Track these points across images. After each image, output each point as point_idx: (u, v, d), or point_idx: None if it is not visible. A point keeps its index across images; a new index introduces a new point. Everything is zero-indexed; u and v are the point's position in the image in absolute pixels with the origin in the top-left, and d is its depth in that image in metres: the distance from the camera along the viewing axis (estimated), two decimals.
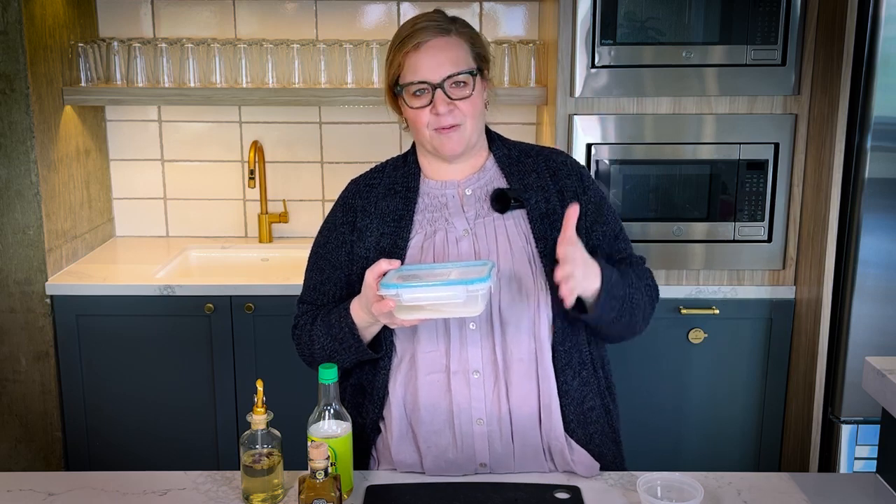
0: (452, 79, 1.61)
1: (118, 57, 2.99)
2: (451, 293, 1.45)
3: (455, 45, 1.63)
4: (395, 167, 1.76)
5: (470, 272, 1.49)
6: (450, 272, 1.51)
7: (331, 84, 2.98)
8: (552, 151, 1.76)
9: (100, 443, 2.80)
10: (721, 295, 2.68)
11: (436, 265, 1.57)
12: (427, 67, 1.61)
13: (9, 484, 1.57)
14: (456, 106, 1.62)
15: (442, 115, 1.61)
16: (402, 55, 1.62)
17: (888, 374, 1.49)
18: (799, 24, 2.52)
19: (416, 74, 1.61)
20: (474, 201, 1.69)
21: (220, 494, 1.54)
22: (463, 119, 1.63)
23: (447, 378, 1.60)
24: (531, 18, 3.11)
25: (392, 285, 1.46)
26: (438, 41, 1.62)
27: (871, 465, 2.50)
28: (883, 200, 2.40)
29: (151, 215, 3.28)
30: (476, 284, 1.44)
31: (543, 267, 1.62)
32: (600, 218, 1.70)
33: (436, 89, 1.61)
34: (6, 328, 2.73)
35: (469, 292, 1.44)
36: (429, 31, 1.62)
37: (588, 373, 1.67)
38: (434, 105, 1.61)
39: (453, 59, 1.62)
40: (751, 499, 1.52)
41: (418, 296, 1.46)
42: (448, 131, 1.63)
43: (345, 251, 1.70)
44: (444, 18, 1.66)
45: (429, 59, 1.61)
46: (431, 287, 1.46)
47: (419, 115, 1.63)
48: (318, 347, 1.67)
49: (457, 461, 1.61)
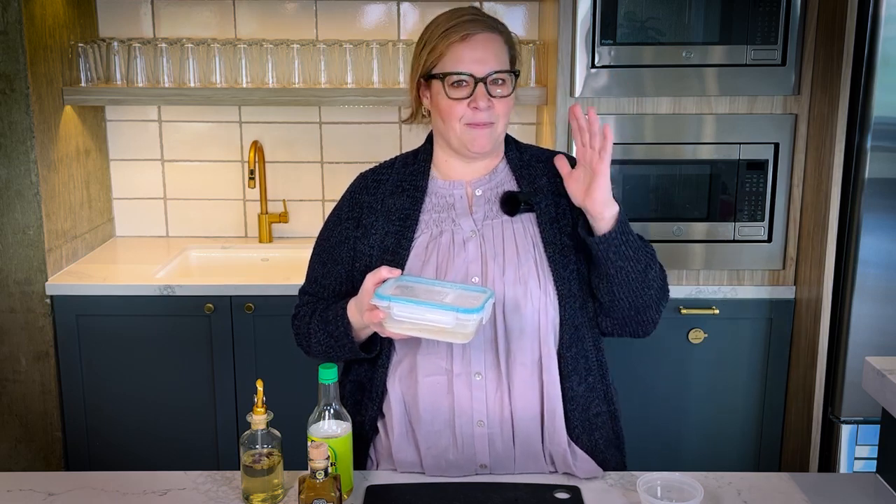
0: (496, 75, 1.60)
1: (118, 57, 2.99)
2: (441, 318, 1.43)
3: (499, 43, 1.62)
4: (405, 164, 1.74)
5: (467, 298, 1.47)
6: (447, 294, 1.48)
7: (331, 84, 2.98)
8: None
9: (100, 443, 2.80)
10: (721, 295, 2.68)
11: (436, 282, 1.55)
12: (473, 59, 1.59)
13: (9, 484, 1.57)
14: (493, 104, 1.60)
15: (479, 111, 1.59)
16: (446, 44, 1.60)
17: (888, 374, 1.49)
18: (799, 24, 2.52)
19: (460, 65, 1.59)
20: (483, 202, 1.67)
21: (220, 494, 1.53)
22: (496, 118, 1.62)
23: (448, 380, 1.60)
24: (531, 18, 3.11)
25: (386, 297, 1.45)
26: (487, 35, 1.60)
27: (871, 465, 2.50)
28: (883, 200, 2.40)
29: (151, 215, 3.28)
30: (466, 315, 1.42)
31: (552, 272, 1.61)
32: None
33: (478, 83, 1.59)
34: (6, 328, 2.73)
35: (458, 320, 1.42)
36: (478, 24, 1.60)
37: (594, 378, 1.66)
38: (474, 98, 1.59)
39: (498, 56, 1.61)
40: (751, 499, 1.52)
41: (408, 314, 1.45)
42: (481, 128, 1.61)
43: (348, 247, 1.70)
44: (487, 16, 1.65)
45: (476, 52, 1.59)
46: (423, 306, 1.44)
47: (455, 106, 1.60)
48: (314, 342, 1.67)
49: (457, 462, 1.61)
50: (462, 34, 1.59)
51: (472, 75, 1.59)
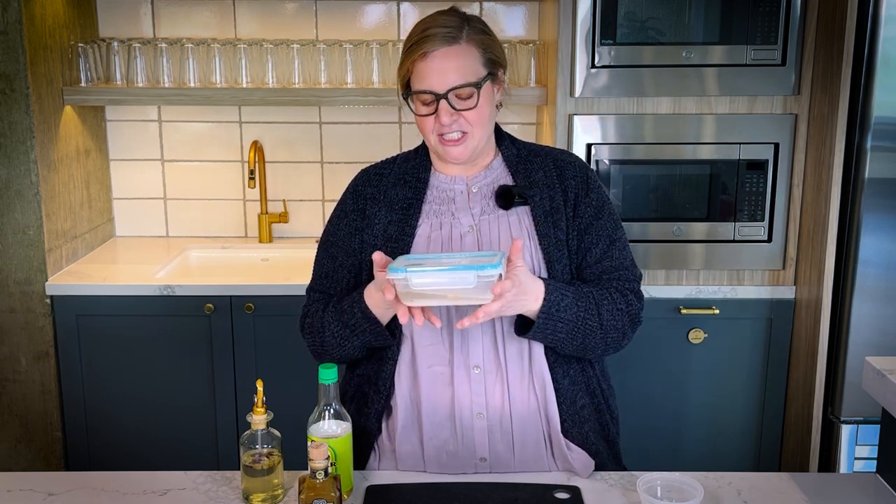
0: (456, 90, 1.59)
1: (118, 57, 2.99)
2: (462, 278, 1.40)
3: (463, 53, 1.60)
4: (406, 159, 1.76)
5: (481, 259, 1.45)
6: (459, 260, 1.46)
7: (331, 84, 2.98)
8: (561, 152, 1.76)
9: (100, 443, 2.80)
10: (721, 295, 2.68)
11: (443, 255, 1.55)
12: (432, 77, 1.59)
13: (9, 484, 1.57)
14: (461, 115, 1.61)
15: (446, 126, 1.61)
16: (410, 61, 1.61)
17: (888, 374, 1.49)
18: (799, 24, 2.52)
19: (423, 83, 1.60)
20: (480, 198, 1.69)
21: (220, 494, 1.54)
22: (469, 128, 1.62)
23: (450, 371, 1.61)
24: (531, 18, 3.11)
25: (400, 269, 1.42)
26: (445, 51, 1.59)
27: (871, 465, 2.50)
28: (883, 200, 2.40)
29: (151, 215, 3.28)
30: (488, 270, 1.39)
31: (546, 266, 1.63)
32: (597, 222, 1.69)
33: (440, 99, 1.60)
34: (6, 328, 2.73)
35: (480, 278, 1.40)
36: (437, 40, 1.59)
37: (576, 371, 1.67)
38: (438, 115, 1.60)
39: (460, 69, 1.59)
40: (751, 499, 1.52)
41: (427, 280, 1.41)
42: (453, 142, 1.62)
43: (357, 238, 1.70)
44: (456, 23, 1.62)
45: (434, 69, 1.59)
46: (441, 272, 1.41)
47: (425, 122, 1.63)
48: (329, 335, 1.65)
49: (457, 453, 1.62)
50: (421, 52, 1.59)
51: (433, 92, 1.60)
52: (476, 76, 1.61)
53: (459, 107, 1.60)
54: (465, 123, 1.62)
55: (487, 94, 1.63)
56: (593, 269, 1.68)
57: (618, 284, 1.67)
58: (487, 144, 1.71)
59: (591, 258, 1.67)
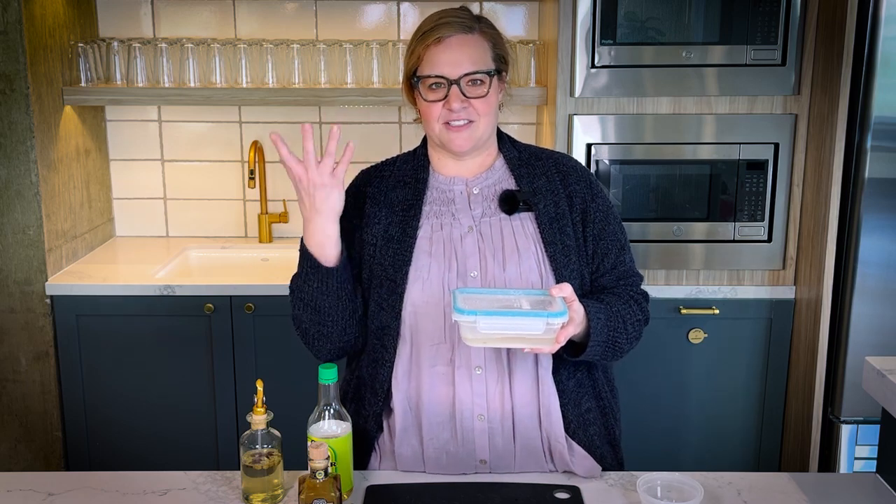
0: (469, 77, 1.61)
1: (118, 57, 2.99)
2: (530, 324, 1.40)
3: (477, 43, 1.64)
4: (406, 160, 1.77)
5: (541, 303, 1.45)
6: (519, 300, 1.47)
7: (331, 84, 2.98)
8: (561, 156, 1.77)
9: (100, 443, 2.80)
10: (721, 295, 2.68)
11: (497, 290, 1.54)
12: (446, 62, 1.61)
13: (9, 484, 1.57)
14: (470, 104, 1.62)
15: (455, 112, 1.62)
16: (422, 47, 1.63)
17: (888, 374, 1.49)
18: (799, 24, 2.52)
19: (434, 68, 1.62)
20: (481, 200, 1.69)
21: (220, 494, 1.54)
22: (476, 117, 1.64)
23: (452, 371, 1.61)
24: (531, 18, 3.11)
25: (469, 311, 1.41)
26: (461, 38, 1.62)
27: (871, 465, 2.50)
28: (883, 200, 2.40)
29: (151, 215, 3.28)
30: (557, 318, 1.41)
31: (553, 271, 1.63)
32: (608, 227, 1.70)
33: (452, 85, 1.61)
34: (6, 328, 2.73)
35: (548, 325, 1.41)
36: (452, 27, 1.62)
37: (583, 374, 1.68)
38: (448, 100, 1.62)
39: (473, 57, 1.62)
40: (751, 499, 1.52)
41: (495, 323, 1.41)
42: (458, 130, 1.64)
43: (356, 236, 1.70)
44: (469, 16, 1.66)
45: (449, 55, 1.61)
46: (510, 317, 1.41)
47: (432, 108, 1.64)
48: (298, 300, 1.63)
49: (457, 455, 1.62)
50: (436, 37, 1.62)
51: (446, 77, 1.61)
52: (487, 66, 1.64)
53: (470, 94, 1.62)
54: (473, 112, 1.63)
55: (495, 88, 1.66)
56: (611, 274, 1.70)
57: (632, 292, 1.70)
58: (489, 142, 1.72)
59: (607, 263, 1.69)
